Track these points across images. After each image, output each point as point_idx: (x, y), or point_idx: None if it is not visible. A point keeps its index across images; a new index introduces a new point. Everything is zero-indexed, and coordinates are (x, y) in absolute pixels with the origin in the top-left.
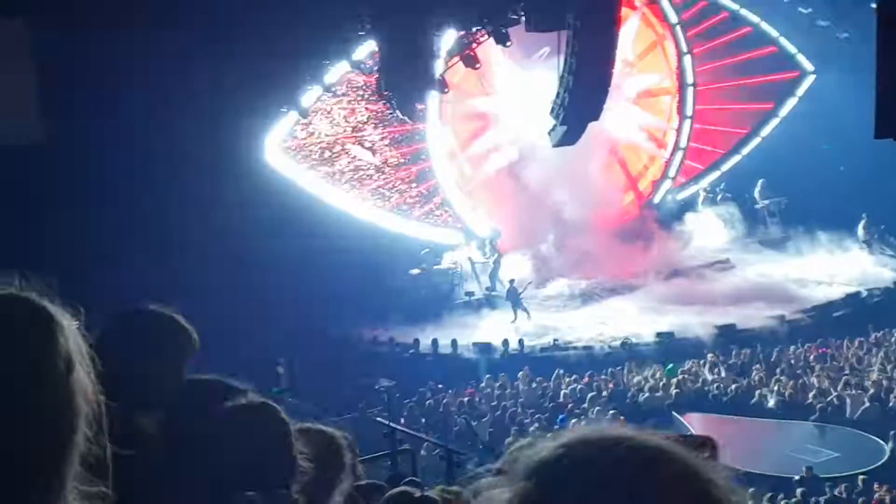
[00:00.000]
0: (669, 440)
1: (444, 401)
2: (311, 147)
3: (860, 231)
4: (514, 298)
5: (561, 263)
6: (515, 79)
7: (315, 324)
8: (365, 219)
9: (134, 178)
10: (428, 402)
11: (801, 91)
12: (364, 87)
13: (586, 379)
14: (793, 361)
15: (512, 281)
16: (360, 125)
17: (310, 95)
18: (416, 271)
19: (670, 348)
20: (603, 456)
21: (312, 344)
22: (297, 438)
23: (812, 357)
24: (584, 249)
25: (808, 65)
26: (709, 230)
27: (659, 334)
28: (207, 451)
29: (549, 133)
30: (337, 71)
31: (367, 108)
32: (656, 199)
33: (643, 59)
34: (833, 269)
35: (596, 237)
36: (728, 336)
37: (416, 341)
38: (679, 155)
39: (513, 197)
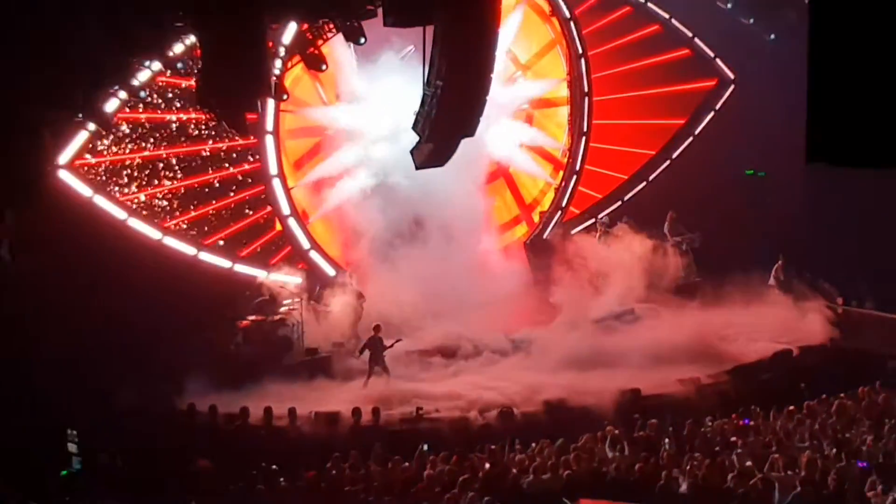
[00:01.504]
0: None
1: (281, 487)
2: (113, 167)
3: (773, 275)
4: (376, 353)
5: (430, 313)
6: (369, 85)
7: (116, 388)
8: (181, 255)
9: None
10: (259, 487)
11: (719, 104)
12: (182, 93)
13: (456, 458)
14: (709, 435)
15: (376, 329)
16: (178, 139)
17: (113, 102)
18: (245, 322)
19: (562, 419)
20: None
21: (110, 414)
22: None
23: (732, 430)
24: (460, 296)
25: (728, 72)
26: (609, 273)
27: (548, 402)
28: None
29: (413, 152)
30: (148, 72)
31: (185, 119)
32: (545, 234)
33: (540, 59)
34: (757, 321)
35: (475, 281)
36: (632, 404)
37: (245, 411)
38: (573, 180)
39: (369, 231)
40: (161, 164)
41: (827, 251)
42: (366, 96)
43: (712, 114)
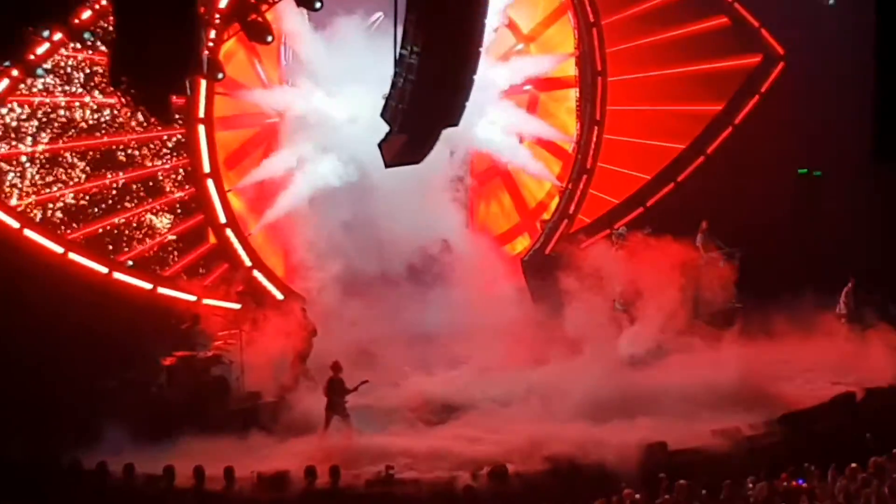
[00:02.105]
0: None
1: None
2: (2, 164)
3: (842, 301)
4: (335, 399)
5: (405, 348)
6: (326, 63)
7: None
8: (90, 275)
9: None
10: None
11: (765, 86)
12: (91, 71)
13: None
14: (752, 500)
15: (335, 368)
16: (85, 130)
17: (2, 81)
18: (170, 359)
19: (568, 480)
20: None
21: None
22: None
23: (781, 494)
24: (444, 326)
25: (776, 46)
26: (634, 296)
27: (552, 459)
28: None
29: (382, 146)
30: (47, 44)
31: (94, 104)
32: (548, 249)
33: (547, 28)
34: (812, 357)
35: (465, 310)
36: (657, 461)
37: (169, 471)
38: (582, 181)
39: (325, 248)
40: (63, 162)
41: None
42: (322, 77)
43: (756, 98)
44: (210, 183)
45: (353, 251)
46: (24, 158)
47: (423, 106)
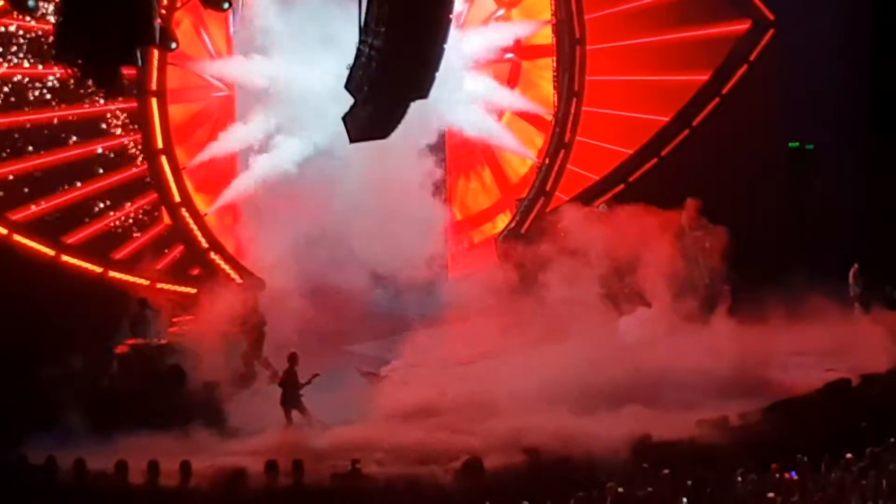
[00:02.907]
0: None
1: None
2: None
3: (851, 284)
4: (290, 392)
5: (373, 336)
6: (284, 30)
7: None
8: (37, 257)
9: None
10: None
11: (754, 54)
12: (32, 40)
13: None
14: (740, 493)
15: (292, 359)
16: (26, 103)
17: None
18: (122, 347)
19: (546, 472)
20: None
21: None
22: None
23: (771, 486)
24: (415, 312)
25: (765, 11)
26: (623, 274)
27: (531, 451)
28: None
29: (346, 119)
30: None
31: (35, 75)
32: (524, 228)
33: None
34: (802, 341)
35: (438, 291)
36: (640, 452)
37: (122, 466)
38: (560, 156)
39: (282, 229)
40: (2, 137)
41: None
42: (280, 46)
43: (745, 67)
44: (163, 160)
45: (315, 230)
46: None
47: (389, 77)
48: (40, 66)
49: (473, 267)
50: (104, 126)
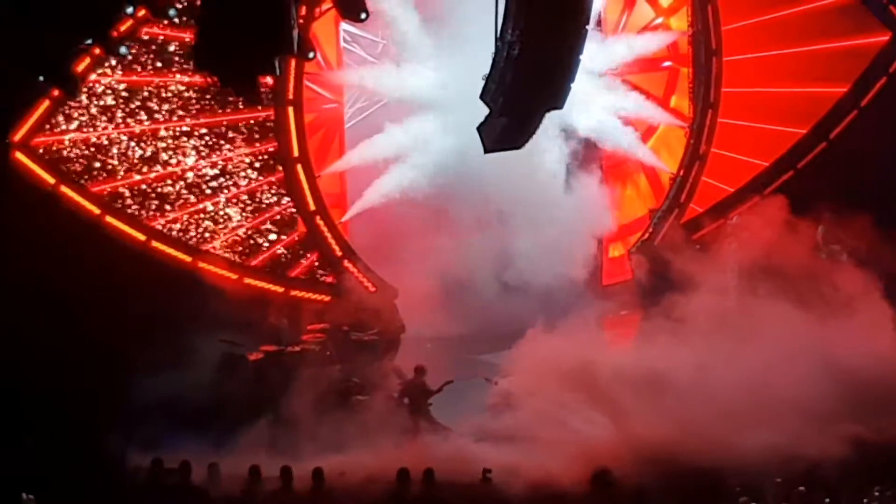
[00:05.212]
0: None
1: None
2: (77, 147)
3: None
4: (418, 402)
5: (499, 346)
6: (420, 41)
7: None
8: (173, 263)
9: None
10: None
11: (895, 66)
12: (175, 49)
13: None
14: None
15: (418, 371)
16: (170, 112)
17: (83, 60)
18: (256, 355)
19: (679, 482)
20: None
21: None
22: None
23: None
24: (559, 316)
25: None
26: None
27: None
28: None
29: (480, 129)
30: (129, 20)
31: (178, 84)
32: (657, 240)
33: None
34: None
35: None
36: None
37: (255, 471)
38: (695, 168)
39: (417, 241)
40: (147, 145)
41: None
42: (416, 56)
43: (884, 80)
44: (299, 168)
45: (452, 242)
46: (105, 140)
47: (524, 87)
48: (178, 76)
49: (626, 275)
50: (244, 134)
